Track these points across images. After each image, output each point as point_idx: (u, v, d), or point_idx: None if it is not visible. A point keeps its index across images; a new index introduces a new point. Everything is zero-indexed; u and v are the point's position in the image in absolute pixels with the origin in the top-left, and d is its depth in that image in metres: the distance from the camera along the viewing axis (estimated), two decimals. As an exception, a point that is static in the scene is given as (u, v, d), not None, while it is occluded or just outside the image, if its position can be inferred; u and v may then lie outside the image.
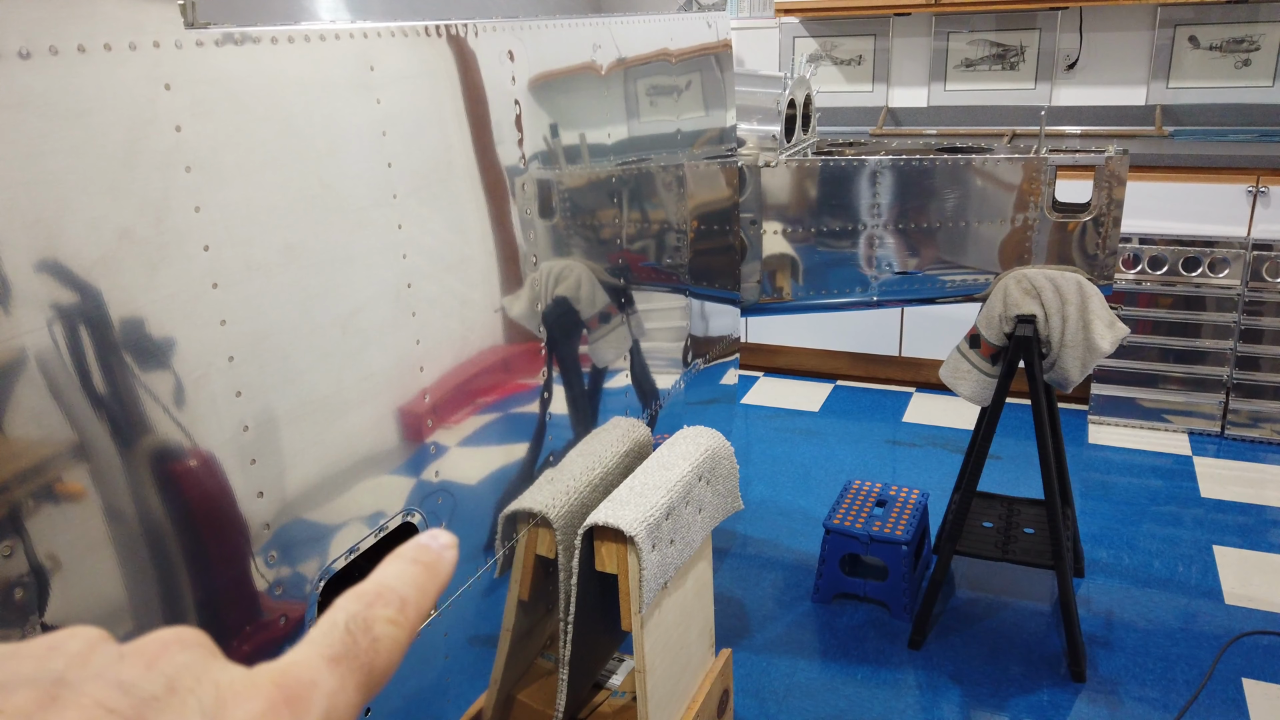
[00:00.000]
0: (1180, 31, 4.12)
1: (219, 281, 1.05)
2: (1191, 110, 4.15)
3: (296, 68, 1.15)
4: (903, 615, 2.71)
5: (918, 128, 4.54)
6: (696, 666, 1.98)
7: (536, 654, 2.00)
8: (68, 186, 0.89)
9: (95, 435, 0.94)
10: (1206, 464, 3.58)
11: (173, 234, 0.99)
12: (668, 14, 2.30)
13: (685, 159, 2.36)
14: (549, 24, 1.73)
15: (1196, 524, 3.18)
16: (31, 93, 0.86)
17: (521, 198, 1.67)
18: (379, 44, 1.28)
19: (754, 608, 2.80)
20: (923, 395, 4.29)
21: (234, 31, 1.05)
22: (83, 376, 0.93)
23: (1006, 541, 2.65)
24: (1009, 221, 2.51)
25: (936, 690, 2.45)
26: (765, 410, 4.21)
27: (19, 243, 0.86)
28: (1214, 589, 2.82)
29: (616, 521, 1.66)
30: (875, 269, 2.62)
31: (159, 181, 0.97)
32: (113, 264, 0.93)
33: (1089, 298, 2.38)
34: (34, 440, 0.89)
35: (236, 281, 1.07)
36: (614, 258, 2.08)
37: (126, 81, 0.94)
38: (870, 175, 2.55)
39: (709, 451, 1.94)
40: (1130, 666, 2.51)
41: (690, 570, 1.91)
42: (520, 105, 1.64)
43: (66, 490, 0.93)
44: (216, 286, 1.05)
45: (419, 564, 0.29)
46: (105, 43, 0.92)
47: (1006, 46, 4.40)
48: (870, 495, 2.90)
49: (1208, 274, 3.63)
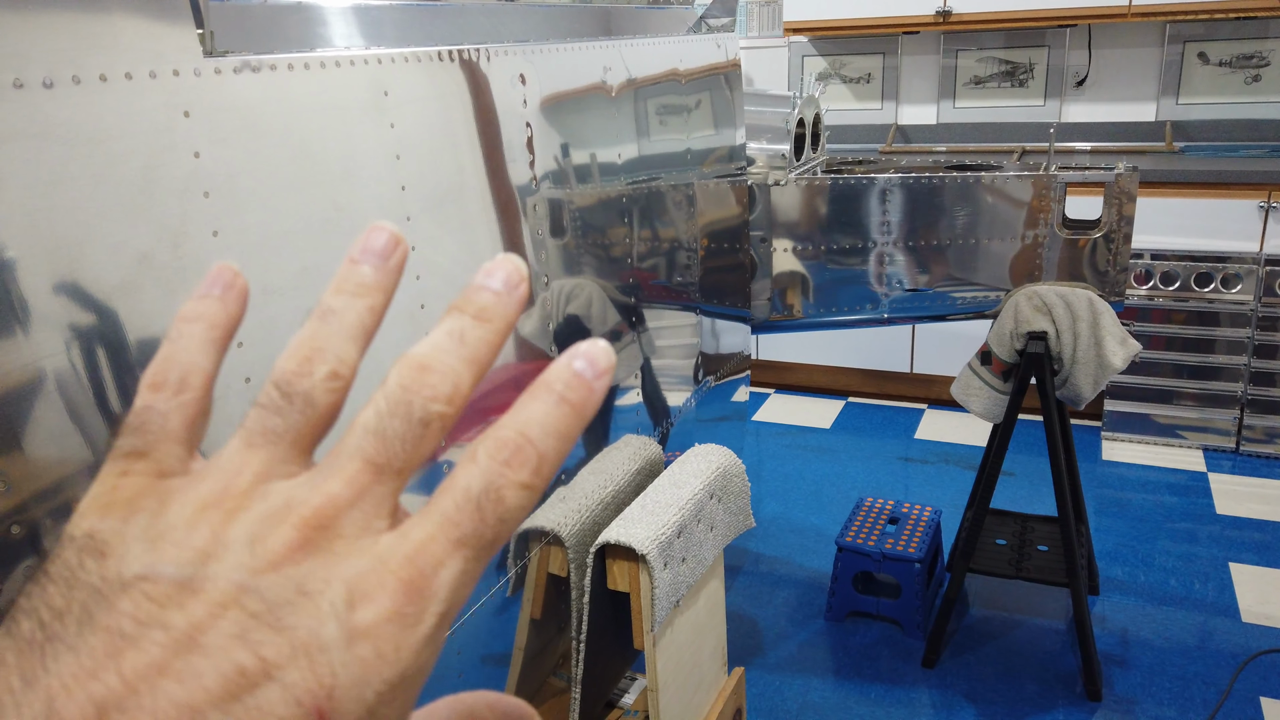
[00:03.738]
0: (1190, 48, 4.12)
1: (236, 304, 1.07)
2: (1202, 126, 4.15)
3: (312, 94, 1.17)
4: (916, 633, 2.69)
5: (927, 145, 4.55)
6: (709, 685, 1.98)
7: (549, 673, 2.00)
8: (89, 212, 0.91)
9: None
10: (1222, 480, 3.56)
11: (191, 258, 1.01)
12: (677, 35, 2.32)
13: (695, 178, 2.38)
14: (560, 48, 1.75)
15: (1212, 541, 3.15)
16: (55, 121, 0.88)
17: (533, 218, 1.69)
18: (393, 69, 1.31)
19: (766, 626, 2.79)
20: (934, 412, 4.28)
21: (251, 59, 1.07)
22: (101, 398, 0.94)
23: (1020, 559, 2.64)
24: (1019, 238, 2.51)
25: (951, 709, 2.44)
26: (776, 427, 4.21)
27: (42, 267, 0.88)
28: (1231, 607, 2.79)
29: (628, 540, 1.66)
30: (885, 286, 2.62)
31: (178, 207, 0.99)
32: (133, 288, 0.95)
33: (1100, 314, 2.38)
34: (54, 460, 0.91)
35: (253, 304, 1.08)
36: (625, 276, 2.09)
37: (147, 109, 0.96)
38: (880, 193, 2.56)
39: (720, 469, 1.95)
40: (1147, 685, 2.49)
41: (702, 588, 1.92)
42: (531, 127, 1.66)
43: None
44: (233, 309, 1.06)
45: (567, 404, 0.26)
46: (126, 72, 0.94)
47: (1016, 64, 4.41)
48: (883, 512, 2.89)
49: (1220, 289, 3.62)
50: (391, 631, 0.23)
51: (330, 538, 0.24)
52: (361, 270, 0.27)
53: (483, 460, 0.25)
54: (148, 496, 0.25)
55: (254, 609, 0.23)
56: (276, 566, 0.23)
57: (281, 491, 0.25)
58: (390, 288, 0.28)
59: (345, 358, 0.26)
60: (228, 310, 0.29)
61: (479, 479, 0.25)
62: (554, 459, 0.25)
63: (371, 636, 0.23)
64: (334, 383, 0.26)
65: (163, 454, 0.26)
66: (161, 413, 0.27)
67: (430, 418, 0.25)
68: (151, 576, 0.23)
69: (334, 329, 0.27)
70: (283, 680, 0.22)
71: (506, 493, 0.25)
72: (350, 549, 0.24)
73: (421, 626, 0.24)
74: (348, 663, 0.23)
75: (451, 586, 0.24)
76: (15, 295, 0.86)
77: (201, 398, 0.28)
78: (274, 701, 0.22)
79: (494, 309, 0.27)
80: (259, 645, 0.22)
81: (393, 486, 0.25)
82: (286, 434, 0.26)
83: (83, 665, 0.22)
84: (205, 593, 0.23)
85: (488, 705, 0.31)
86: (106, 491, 0.26)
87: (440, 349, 0.26)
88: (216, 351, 0.28)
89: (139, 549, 0.24)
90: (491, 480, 0.25)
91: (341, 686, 0.22)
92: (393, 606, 0.24)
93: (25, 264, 0.86)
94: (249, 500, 0.25)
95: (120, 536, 0.24)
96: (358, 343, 0.27)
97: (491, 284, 0.27)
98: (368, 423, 0.25)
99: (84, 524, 0.25)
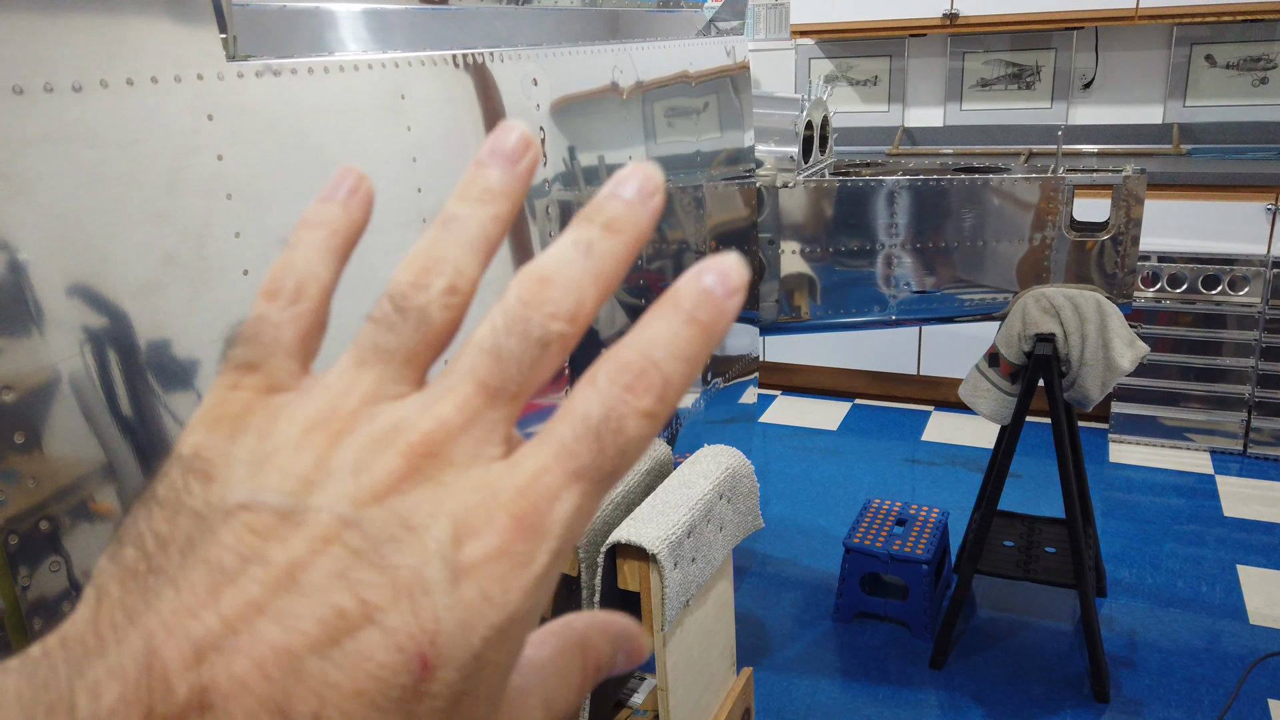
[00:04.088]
0: (1197, 50, 4.13)
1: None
2: (1209, 128, 4.15)
3: (331, 97, 1.18)
4: (924, 635, 2.70)
5: (934, 147, 4.56)
6: (718, 685, 1.99)
7: (559, 672, 2.01)
8: (116, 214, 0.93)
9: (142, 452, 0.97)
10: (1229, 483, 3.56)
11: (214, 259, 1.02)
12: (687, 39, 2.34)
13: (704, 180, 2.39)
14: (571, 51, 1.77)
15: (1220, 543, 3.15)
16: (82, 124, 0.90)
17: (544, 220, 1.71)
18: (409, 73, 1.32)
19: (774, 627, 2.80)
20: (941, 414, 4.28)
21: (273, 63, 1.09)
22: (129, 395, 0.96)
23: (1028, 561, 2.65)
24: (1027, 240, 2.52)
25: (959, 710, 2.44)
26: (783, 429, 4.22)
27: (70, 268, 0.89)
28: (1238, 609, 2.80)
29: (639, 539, 1.67)
30: (893, 288, 2.63)
31: (201, 208, 1.01)
32: (158, 288, 0.97)
33: (1108, 316, 2.39)
34: (78, 458, 0.92)
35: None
36: (634, 278, 2.10)
37: (171, 113, 0.98)
38: (888, 195, 2.57)
39: (729, 470, 1.96)
40: (1154, 687, 2.49)
41: (712, 589, 1.93)
42: (544, 130, 1.67)
43: (100, 510, 0.95)
44: (254, 309, 1.08)
45: (696, 324, 0.23)
46: (152, 75, 0.95)
47: (1022, 66, 4.42)
48: (890, 514, 2.90)
49: (1228, 292, 3.62)
50: (500, 571, 0.22)
51: (439, 466, 0.23)
52: (488, 174, 0.26)
53: (603, 384, 0.23)
54: (256, 413, 0.24)
55: (356, 545, 0.22)
56: (381, 498, 0.22)
57: (390, 414, 0.24)
58: (519, 195, 0.26)
59: (465, 270, 0.25)
60: (350, 216, 0.27)
61: (599, 405, 0.23)
62: (680, 384, 0.23)
63: (478, 577, 0.22)
64: (452, 298, 0.25)
65: (274, 367, 0.25)
66: (274, 323, 0.25)
67: (550, 338, 0.24)
68: (254, 505, 0.22)
69: (455, 238, 0.25)
70: (383, 624, 0.21)
71: (628, 421, 0.23)
72: (460, 479, 0.23)
73: (533, 566, 0.22)
74: (452, 606, 0.21)
75: (566, 522, 0.23)
76: (45, 294, 0.87)
77: (318, 309, 0.26)
78: (374, 647, 0.21)
79: (625, 219, 0.24)
80: (360, 586, 0.21)
81: (507, 411, 0.24)
82: (399, 352, 0.24)
83: (183, 602, 0.21)
84: (307, 525, 0.22)
85: (599, 629, 0.29)
86: (215, 405, 0.24)
87: (564, 261, 0.24)
88: (336, 260, 0.27)
89: (243, 473, 0.23)
90: (613, 407, 0.23)
91: (445, 631, 0.21)
92: (502, 544, 0.22)
93: (55, 263, 0.88)
94: (356, 423, 0.23)
95: (226, 457, 0.23)
96: (479, 254, 0.25)
97: (624, 192, 0.25)
98: (483, 341, 0.24)
99: (191, 440, 0.24)
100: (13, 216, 0.84)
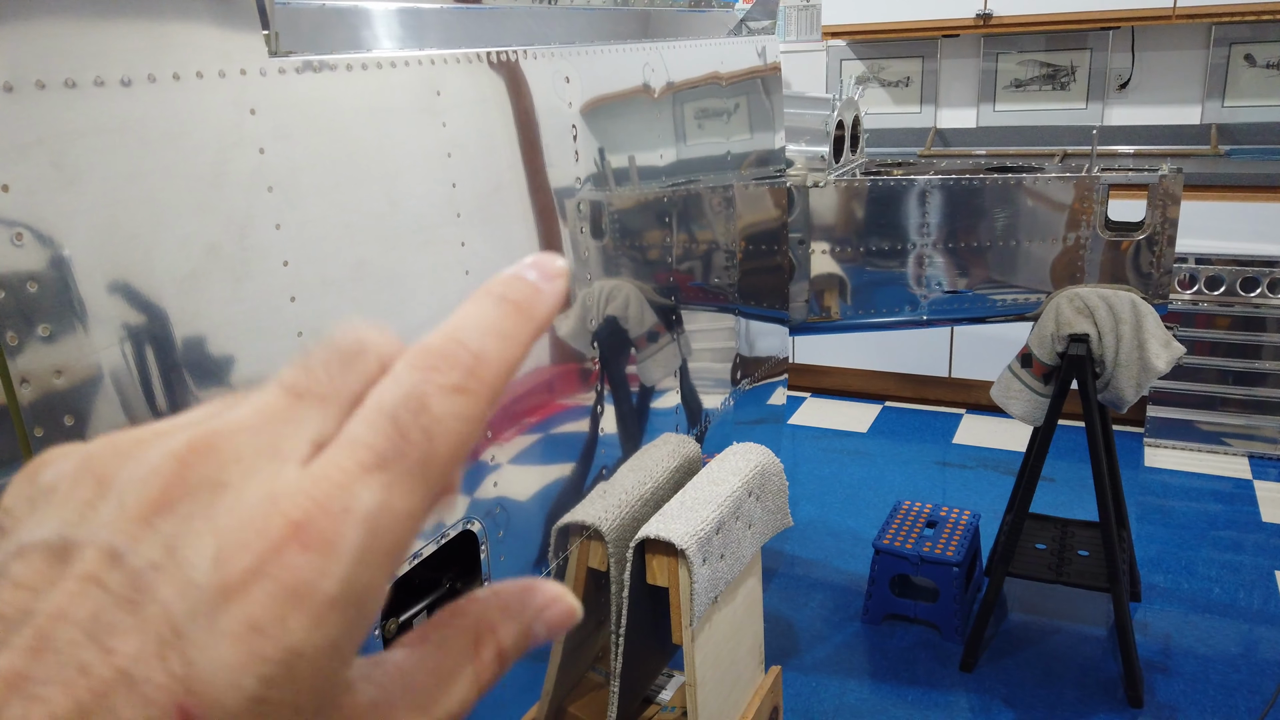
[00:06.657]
0: (1236, 50, 4.07)
1: (296, 295, 1.11)
2: (1248, 129, 4.09)
3: (369, 93, 1.21)
4: (954, 637, 2.68)
5: (966, 148, 4.52)
6: (746, 683, 1.99)
7: (588, 667, 2.02)
8: (161, 205, 0.95)
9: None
10: (1268, 488, 3.49)
11: (255, 250, 1.05)
12: (718, 38, 2.34)
13: (735, 180, 2.40)
14: (604, 50, 1.78)
15: (1258, 549, 3.10)
16: (131, 117, 0.92)
17: (576, 217, 1.72)
18: (445, 70, 1.34)
19: (803, 627, 2.79)
20: (973, 416, 4.25)
21: (313, 59, 1.11)
22: (170, 381, 0.98)
23: (1060, 564, 2.62)
24: (1061, 240, 2.50)
25: (989, 714, 2.42)
26: (813, 431, 4.20)
27: (118, 256, 0.92)
28: (1276, 616, 2.75)
29: (668, 535, 1.68)
30: (924, 288, 2.62)
31: (243, 200, 1.03)
32: (202, 277, 0.99)
33: (1144, 316, 2.36)
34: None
35: (313, 295, 1.12)
36: (664, 277, 2.11)
37: (215, 107, 1.00)
38: (919, 195, 2.56)
39: (759, 467, 1.96)
40: (1189, 693, 2.45)
41: (740, 586, 1.93)
42: (576, 128, 1.69)
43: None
44: (294, 300, 1.10)
45: (508, 303, 0.22)
46: (197, 70, 0.98)
47: (1057, 67, 4.37)
48: (921, 516, 2.88)
49: (1267, 294, 3.56)
50: (272, 593, 0.18)
51: (218, 465, 0.20)
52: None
53: (400, 371, 0.21)
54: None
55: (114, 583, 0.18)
56: (147, 517, 0.19)
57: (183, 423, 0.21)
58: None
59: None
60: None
61: (393, 390, 0.21)
62: (496, 359, 0.22)
63: (245, 602, 0.18)
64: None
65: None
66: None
67: (356, 346, 0.22)
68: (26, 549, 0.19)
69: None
70: (132, 678, 0.18)
71: (432, 400, 0.21)
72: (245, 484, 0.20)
73: (324, 582, 0.19)
74: (208, 645, 0.18)
75: (366, 522, 0.19)
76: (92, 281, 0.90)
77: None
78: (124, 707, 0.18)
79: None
80: (110, 634, 0.18)
81: (314, 414, 0.21)
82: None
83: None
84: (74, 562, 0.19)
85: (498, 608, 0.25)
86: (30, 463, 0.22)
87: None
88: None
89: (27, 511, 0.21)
90: (411, 389, 0.21)
91: (202, 677, 0.18)
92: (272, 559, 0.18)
93: (103, 252, 0.91)
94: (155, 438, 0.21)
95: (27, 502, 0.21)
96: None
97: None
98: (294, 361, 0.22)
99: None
100: (64, 206, 0.87)
